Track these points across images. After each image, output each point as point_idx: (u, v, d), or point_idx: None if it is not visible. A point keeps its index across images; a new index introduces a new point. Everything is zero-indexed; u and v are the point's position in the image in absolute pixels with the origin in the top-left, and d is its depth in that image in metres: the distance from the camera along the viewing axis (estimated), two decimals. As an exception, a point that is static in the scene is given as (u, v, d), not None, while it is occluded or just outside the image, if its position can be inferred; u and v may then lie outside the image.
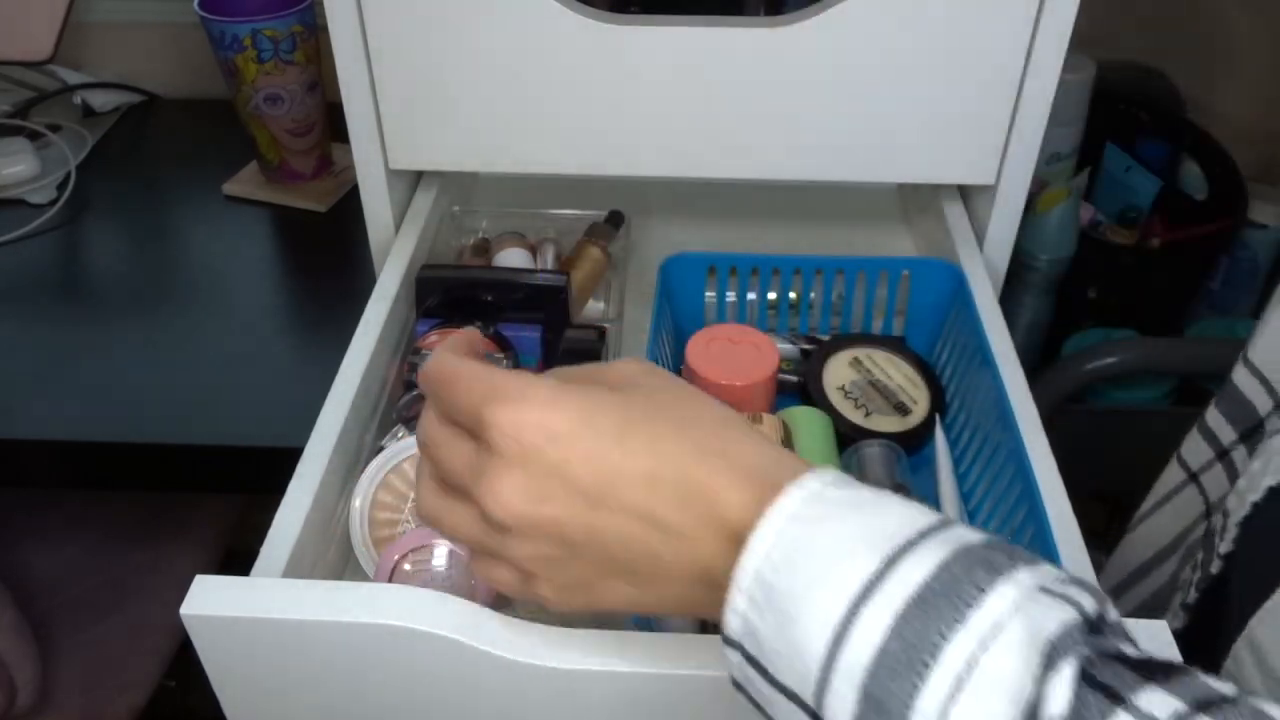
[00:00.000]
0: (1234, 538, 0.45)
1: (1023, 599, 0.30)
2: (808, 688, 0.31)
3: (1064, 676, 0.29)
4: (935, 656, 0.29)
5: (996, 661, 0.29)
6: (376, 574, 0.55)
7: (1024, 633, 0.29)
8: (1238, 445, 0.52)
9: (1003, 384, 0.58)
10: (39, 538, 1.03)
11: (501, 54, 0.64)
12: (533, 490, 0.35)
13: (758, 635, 0.33)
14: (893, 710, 0.30)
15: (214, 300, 0.87)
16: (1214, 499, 0.53)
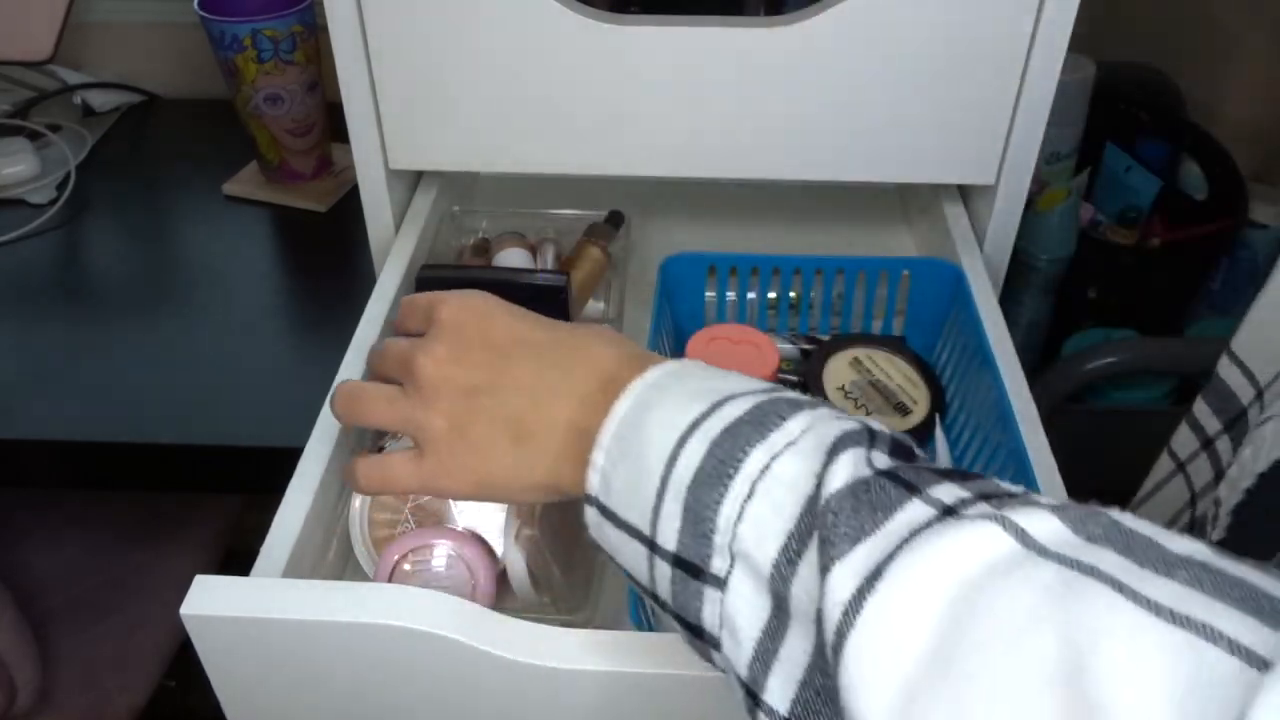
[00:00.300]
0: (1227, 525, 0.45)
1: (817, 420, 0.35)
2: (646, 519, 0.37)
3: (842, 462, 0.33)
4: (737, 468, 0.34)
5: (785, 464, 0.34)
6: (376, 574, 0.55)
7: (812, 440, 0.34)
8: (1221, 435, 0.52)
9: (1003, 384, 0.58)
10: (39, 538, 1.03)
11: (501, 54, 0.64)
12: (459, 349, 0.44)
13: (610, 484, 0.38)
14: (704, 516, 0.35)
15: (214, 300, 0.87)
16: (1198, 488, 0.53)
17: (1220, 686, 0.22)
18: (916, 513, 0.31)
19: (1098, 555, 0.27)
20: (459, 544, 0.55)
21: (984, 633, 0.27)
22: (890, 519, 0.31)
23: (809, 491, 0.33)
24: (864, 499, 0.31)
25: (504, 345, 0.44)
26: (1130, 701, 0.23)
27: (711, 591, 0.35)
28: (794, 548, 0.32)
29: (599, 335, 0.44)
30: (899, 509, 0.31)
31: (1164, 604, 0.25)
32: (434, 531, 0.55)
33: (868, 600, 0.29)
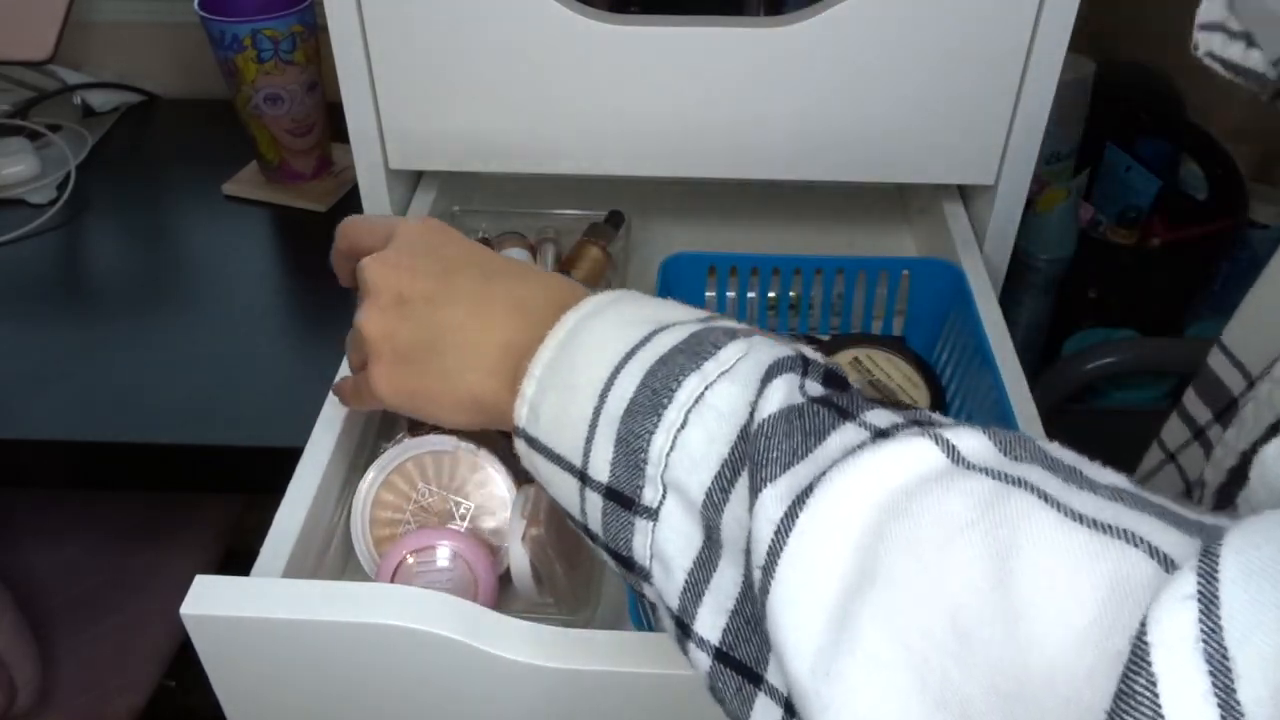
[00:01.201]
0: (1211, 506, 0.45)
1: (752, 347, 0.35)
2: (578, 450, 0.36)
3: (776, 387, 0.32)
4: (671, 397, 0.34)
5: (718, 392, 0.34)
6: (378, 574, 0.55)
7: (747, 367, 0.34)
8: (1213, 424, 0.52)
9: (1003, 384, 0.58)
10: (39, 538, 1.03)
11: (502, 54, 0.64)
12: (408, 256, 0.45)
13: (539, 414, 0.38)
14: (637, 446, 0.34)
15: (214, 300, 0.87)
16: (1193, 477, 0.53)
17: (1139, 588, 0.23)
18: (849, 436, 0.31)
19: (1025, 470, 0.28)
20: (461, 544, 0.55)
21: (912, 538, 0.27)
22: (822, 443, 0.31)
23: (743, 420, 0.33)
24: (796, 424, 0.31)
25: (454, 259, 0.44)
26: (1054, 601, 0.24)
27: (643, 522, 0.35)
28: (727, 475, 0.32)
29: (553, 275, 0.45)
30: (832, 432, 0.31)
31: (1087, 513, 0.25)
32: (436, 532, 0.56)
33: (799, 517, 0.29)
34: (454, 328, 0.42)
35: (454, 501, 0.58)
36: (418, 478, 0.58)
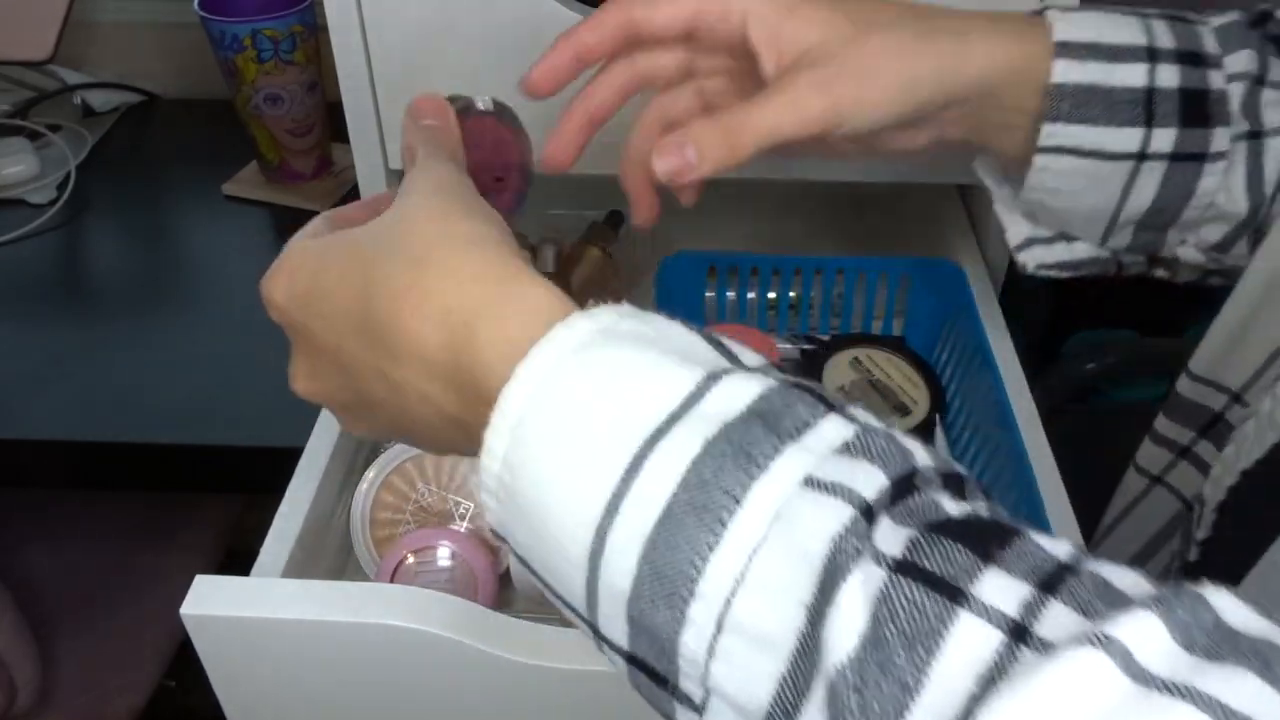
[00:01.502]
0: (1211, 523, 0.45)
1: (785, 506, 0.26)
2: (578, 601, 0.29)
3: (846, 595, 0.24)
4: (691, 590, 0.26)
5: (755, 594, 0.25)
6: (378, 574, 0.56)
7: (786, 542, 0.25)
8: (1199, 440, 0.52)
9: (1003, 384, 0.58)
10: (39, 538, 1.03)
11: (502, 54, 0.64)
12: (306, 361, 0.43)
13: (515, 537, 0.31)
14: (661, 638, 0.27)
15: (214, 300, 0.87)
16: (1189, 494, 0.53)
17: None
18: (973, 640, 0.23)
19: (1226, 679, 0.21)
20: (461, 544, 0.55)
21: None
22: (938, 656, 0.23)
23: (799, 625, 0.25)
24: (890, 637, 0.23)
25: (335, 349, 0.37)
26: None
27: (686, 712, 0.28)
28: (790, 697, 0.25)
29: (436, 274, 0.33)
30: (945, 636, 0.23)
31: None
32: (436, 532, 0.56)
33: None
34: (396, 425, 0.36)
35: (454, 501, 0.58)
36: (418, 478, 0.58)
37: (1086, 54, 0.44)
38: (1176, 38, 0.46)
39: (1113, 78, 0.44)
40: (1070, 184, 0.46)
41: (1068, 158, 0.45)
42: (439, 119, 0.44)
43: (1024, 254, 0.51)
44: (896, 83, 0.43)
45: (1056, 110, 0.44)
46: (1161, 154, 0.45)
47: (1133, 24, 0.46)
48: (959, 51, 0.44)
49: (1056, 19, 0.45)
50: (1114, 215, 0.47)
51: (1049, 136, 0.44)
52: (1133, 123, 0.44)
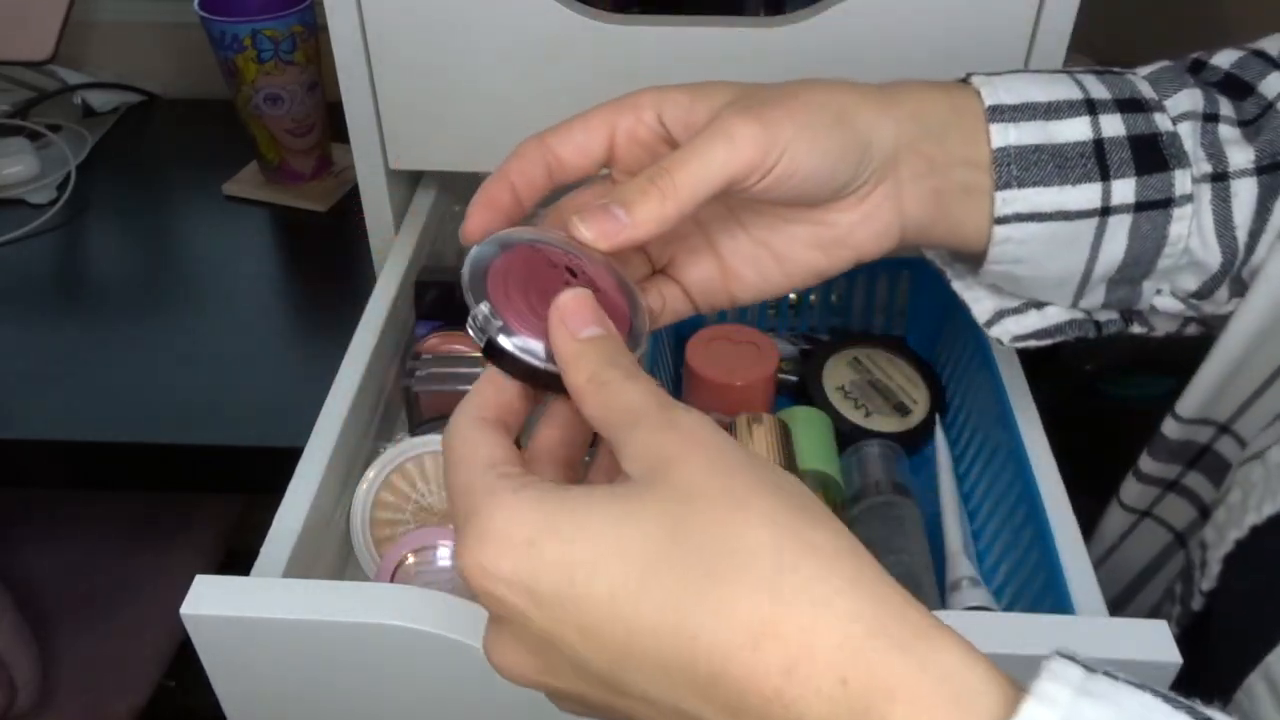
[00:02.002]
0: (1218, 573, 0.44)
1: None
2: None
3: None
4: None
5: None
6: (378, 574, 0.56)
7: None
8: (1187, 473, 0.52)
9: (1003, 384, 0.58)
10: (39, 538, 1.03)
11: (502, 54, 0.64)
12: (535, 664, 0.31)
13: None
14: None
15: (214, 300, 0.87)
16: (1181, 527, 0.53)
17: None
18: None
19: None
20: (459, 544, 0.55)
21: None
22: None
23: None
24: None
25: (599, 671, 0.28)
26: None
27: None
28: None
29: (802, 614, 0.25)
30: None
31: None
32: (436, 531, 0.56)
33: None
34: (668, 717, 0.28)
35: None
36: (418, 478, 0.58)
37: (1020, 115, 0.42)
38: (1110, 87, 0.44)
39: (1055, 134, 0.42)
40: (1035, 251, 0.43)
41: (1029, 224, 0.42)
42: (600, 323, 0.33)
43: (995, 329, 0.48)
44: (830, 111, 0.39)
45: (1006, 175, 0.41)
46: (1125, 205, 0.43)
47: (1062, 80, 0.44)
48: (887, 91, 0.42)
49: (982, 84, 0.43)
50: (1085, 275, 0.45)
51: (1005, 204, 0.42)
52: (1088, 178, 0.42)
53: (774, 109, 0.38)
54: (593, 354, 0.32)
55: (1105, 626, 0.44)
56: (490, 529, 0.28)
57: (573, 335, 0.32)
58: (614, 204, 0.36)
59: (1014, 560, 0.55)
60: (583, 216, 0.36)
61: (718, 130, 0.37)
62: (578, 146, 0.40)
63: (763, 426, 0.60)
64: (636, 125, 0.41)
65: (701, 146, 0.37)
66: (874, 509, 0.60)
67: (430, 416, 0.62)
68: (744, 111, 0.37)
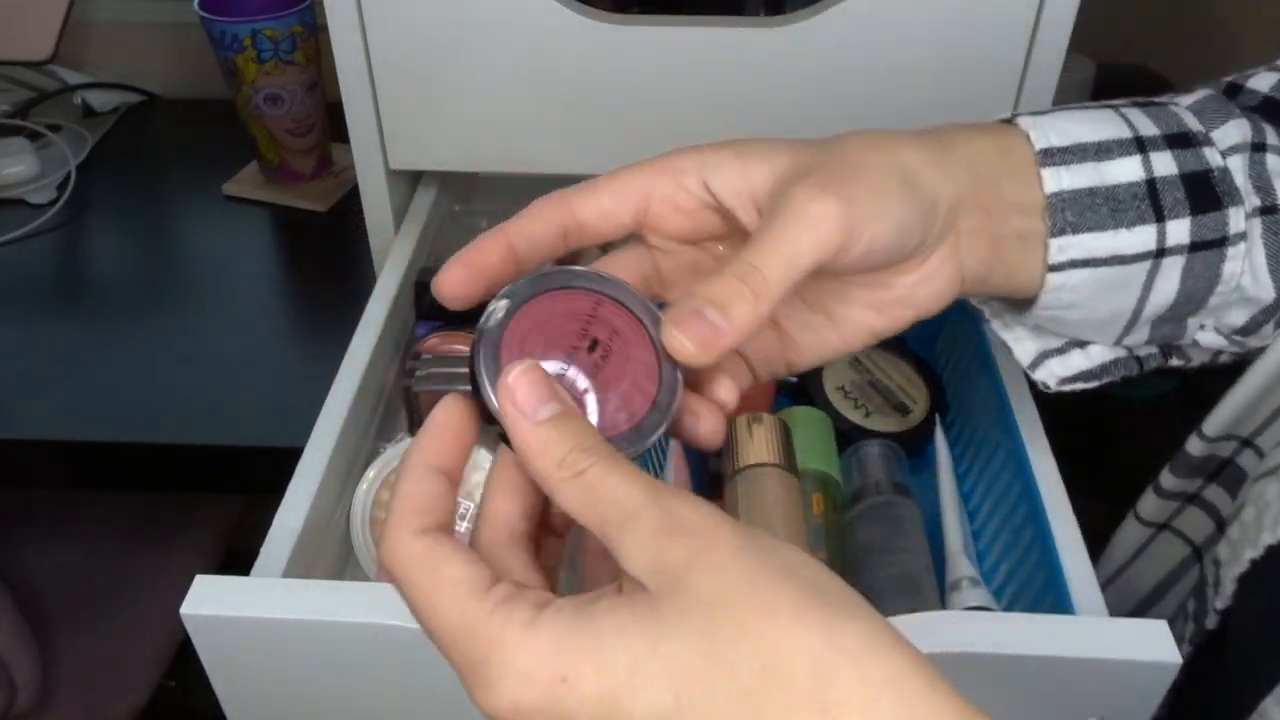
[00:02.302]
0: (1231, 593, 0.44)
1: None
2: None
3: None
4: None
5: None
6: (378, 574, 0.56)
7: None
8: (1208, 485, 0.52)
9: (1003, 384, 0.58)
10: (39, 538, 1.03)
11: (502, 54, 0.64)
12: None
13: None
14: None
15: (214, 300, 0.87)
16: (1199, 540, 0.53)
17: None
18: None
19: None
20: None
21: None
22: None
23: None
24: None
25: None
26: None
27: None
28: None
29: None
30: None
31: None
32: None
33: None
34: None
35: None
36: (418, 478, 0.58)
37: (1071, 157, 0.40)
38: (1156, 122, 0.43)
39: (1108, 176, 0.40)
40: (1088, 295, 0.42)
41: (1083, 270, 0.41)
42: (556, 399, 0.31)
43: (1040, 372, 0.46)
44: (896, 176, 0.37)
45: (1060, 221, 0.40)
46: (1180, 246, 0.41)
47: (1107, 115, 0.42)
48: (940, 140, 0.40)
49: (1030, 126, 0.41)
50: (1134, 315, 0.43)
51: (1060, 251, 0.40)
52: (1142, 220, 0.40)
53: (847, 183, 0.35)
54: (557, 438, 0.30)
55: (1105, 626, 0.44)
56: (514, 670, 0.28)
57: (530, 418, 0.30)
58: (707, 307, 0.33)
59: (1014, 560, 0.55)
60: (678, 325, 0.33)
61: (797, 214, 0.34)
62: (604, 212, 0.38)
63: (763, 426, 0.60)
64: (677, 192, 0.38)
65: (784, 234, 0.34)
66: (874, 509, 0.60)
67: (430, 416, 0.62)
68: (818, 188, 0.35)
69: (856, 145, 0.38)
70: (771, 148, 0.38)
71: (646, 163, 0.38)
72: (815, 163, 0.36)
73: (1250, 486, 0.45)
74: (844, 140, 0.38)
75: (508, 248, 0.37)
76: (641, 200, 0.38)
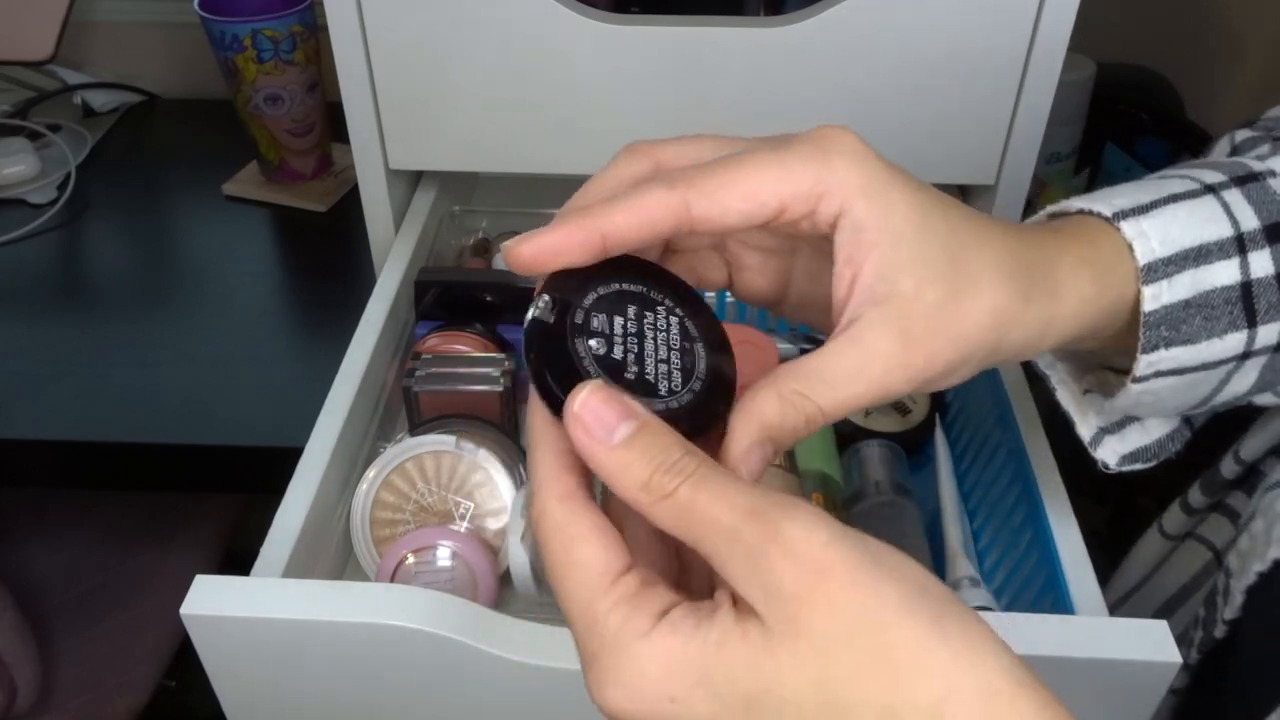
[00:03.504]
0: (1240, 604, 0.44)
1: None
2: None
3: None
4: None
5: None
6: (378, 574, 0.56)
7: None
8: (1233, 492, 0.52)
9: (1003, 384, 0.58)
10: (39, 538, 1.03)
11: (501, 54, 0.64)
12: None
13: None
14: None
15: (214, 300, 0.87)
16: (1221, 545, 0.53)
17: None
18: None
19: None
20: (461, 544, 0.55)
21: None
22: None
23: None
24: None
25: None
26: None
27: None
28: None
29: None
30: None
31: None
32: (436, 531, 0.56)
33: None
34: None
35: (454, 501, 0.58)
36: (418, 478, 0.58)
37: (1174, 269, 0.38)
38: (1257, 209, 0.39)
39: (1204, 283, 0.38)
40: (1166, 398, 0.40)
41: (1168, 379, 0.39)
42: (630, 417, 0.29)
43: (1101, 450, 0.44)
44: (983, 349, 0.34)
45: (1154, 338, 0.38)
46: (1267, 349, 0.40)
47: (1210, 208, 0.39)
48: (1050, 317, 0.36)
49: (1135, 236, 0.37)
50: (1203, 403, 0.42)
51: (1149, 366, 0.38)
52: (1234, 327, 0.39)
53: (932, 340, 0.32)
54: (636, 460, 0.28)
55: (1105, 626, 0.44)
56: (622, 682, 0.28)
57: (605, 445, 0.28)
58: (767, 441, 0.31)
59: (1014, 560, 0.55)
60: (737, 443, 0.31)
61: (868, 358, 0.32)
62: (729, 226, 0.33)
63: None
64: (803, 220, 0.34)
65: (842, 375, 0.32)
66: (874, 509, 0.60)
67: (430, 416, 0.62)
68: (900, 337, 0.32)
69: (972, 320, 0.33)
70: (907, 252, 0.33)
71: (776, 160, 0.33)
72: (926, 316, 0.32)
73: (1261, 495, 0.44)
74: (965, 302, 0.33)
75: (598, 240, 0.32)
76: (777, 214, 0.33)
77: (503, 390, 0.62)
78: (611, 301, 0.33)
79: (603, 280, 0.33)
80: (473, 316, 0.66)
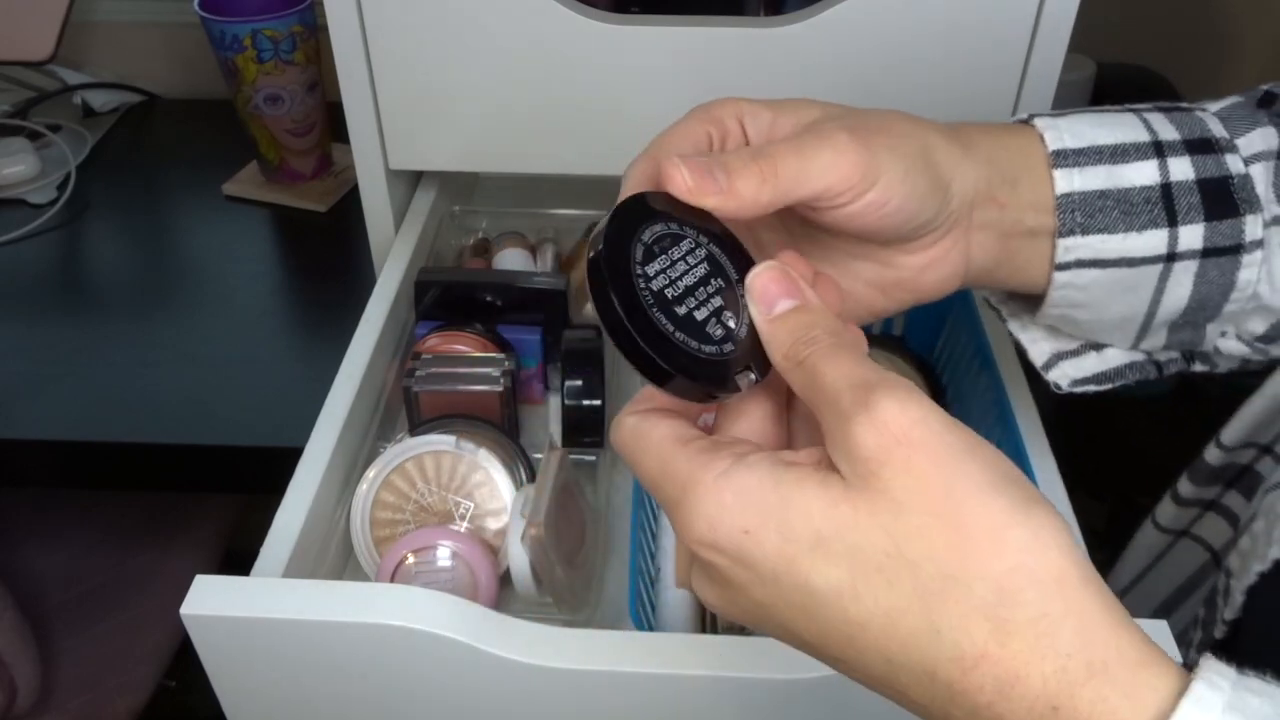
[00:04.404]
0: (1240, 605, 0.44)
1: None
2: None
3: None
4: None
5: None
6: (378, 574, 0.56)
7: None
8: (1227, 492, 0.51)
9: (1002, 384, 0.58)
10: (39, 538, 1.03)
11: (502, 54, 0.64)
12: (744, 614, 0.31)
13: None
14: None
15: (214, 300, 0.87)
16: (1218, 545, 0.53)
17: None
18: None
19: None
20: (461, 544, 0.55)
21: None
22: None
23: None
24: None
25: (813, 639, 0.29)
26: None
27: None
28: None
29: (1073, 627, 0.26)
30: None
31: None
32: (436, 531, 0.56)
33: None
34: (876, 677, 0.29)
35: (454, 501, 0.58)
36: (418, 478, 0.58)
37: (1085, 159, 0.41)
38: (1179, 127, 0.42)
39: (1121, 179, 0.41)
40: (1096, 296, 0.42)
41: (1090, 270, 0.41)
42: (791, 295, 0.33)
43: (1053, 373, 0.46)
44: (917, 145, 0.38)
45: (1069, 222, 0.40)
46: (1192, 251, 0.41)
47: (1128, 120, 0.42)
48: (960, 135, 0.40)
49: (1045, 128, 0.41)
50: (1147, 319, 0.43)
51: (1066, 251, 0.41)
52: (1154, 224, 0.40)
53: (875, 134, 0.36)
54: (785, 329, 0.32)
55: (1105, 626, 0.44)
56: (701, 514, 0.29)
57: (765, 316, 0.33)
58: (716, 165, 0.34)
59: (1014, 560, 0.55)
60: (688, 162, 0.34)
61: (822, 136, 0.35)
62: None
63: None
64: (725, 138, 0.39)
65: (805, 146, 0.35)
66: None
67: (430, 416, 0.62)
68: (846, 129, 0.36)
69: (887, 114, 0.39)
70: (805, 103, 0.39)
71: (696, 111, 0.40)
72: (849, 117, 0.38)
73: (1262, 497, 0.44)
74: (876, 109, 0.39)
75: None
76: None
77: (503, 390, 0.62)
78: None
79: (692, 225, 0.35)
80: (473, 316, 0.66)
